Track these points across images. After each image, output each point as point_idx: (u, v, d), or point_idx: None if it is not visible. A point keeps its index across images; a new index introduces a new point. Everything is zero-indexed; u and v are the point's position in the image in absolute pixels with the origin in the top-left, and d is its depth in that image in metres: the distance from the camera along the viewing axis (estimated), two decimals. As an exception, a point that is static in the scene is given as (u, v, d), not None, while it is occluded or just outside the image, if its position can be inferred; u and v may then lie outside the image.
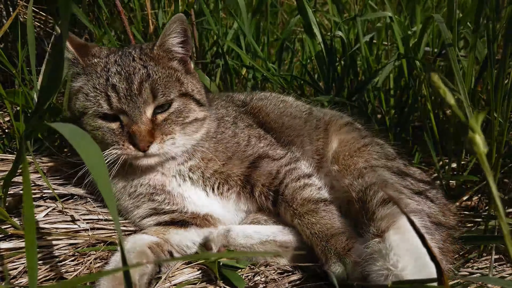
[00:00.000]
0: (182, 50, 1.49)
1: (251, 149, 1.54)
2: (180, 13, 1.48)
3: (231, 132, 1.58)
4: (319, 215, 1.35)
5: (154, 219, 1.46)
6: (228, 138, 1.56)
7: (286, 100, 1.92)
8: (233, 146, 1.54)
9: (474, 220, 1.69)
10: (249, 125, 1.65)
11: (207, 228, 1.46)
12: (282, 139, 1.67)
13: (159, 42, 1.45)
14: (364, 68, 2.30)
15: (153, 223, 1.45)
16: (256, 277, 1.32)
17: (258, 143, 1.58)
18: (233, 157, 1.52)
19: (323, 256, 1.28)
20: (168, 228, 1.42)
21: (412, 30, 2.42)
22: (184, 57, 1.51)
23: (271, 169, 1.50)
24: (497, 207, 0.68)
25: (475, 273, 1.37)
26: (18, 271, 1.21)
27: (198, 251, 1.42)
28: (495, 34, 1.59)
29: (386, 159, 1.55)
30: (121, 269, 0.85)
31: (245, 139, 1.57)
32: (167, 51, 1.47)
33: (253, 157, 1.53)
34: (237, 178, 1.50)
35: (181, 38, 1.47)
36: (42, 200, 1.46)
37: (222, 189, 1.51)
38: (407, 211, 1.15)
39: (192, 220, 1.46)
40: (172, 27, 1.44)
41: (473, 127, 0.65)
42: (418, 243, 1.06)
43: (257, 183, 1.49)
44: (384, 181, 1.39)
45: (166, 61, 1.46)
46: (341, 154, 1.60)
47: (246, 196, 1.51)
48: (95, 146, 0.91)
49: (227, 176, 1.50)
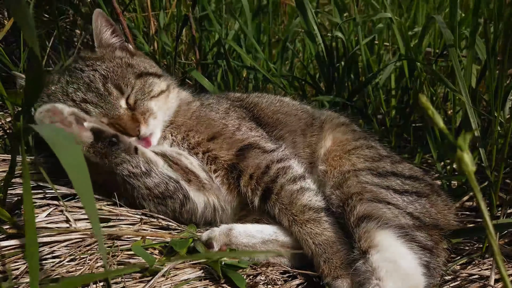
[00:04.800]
0: (116, 38, 1.62)
1: (241, 135, 1.56)
2: (98, 9, 1.58)
3: (218, 115, 1.63)
4: (322, 225, 1.35)
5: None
6: (213, 115, 1.62)
7: (283, 99, 1.93)
8: (220, 125, 1.58)
9: (475, 221, 1.69)
10: (242, 117, 1.66)
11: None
12: (274, 133, 1.67)
13: (97, 42, 1.57)
14: (365, 69, 2.30)
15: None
16: (258, 277, 1.32)
17: (249, 131, 1.59)
18: (220, 137, 1.54)
19: (326, 268, 1.28)
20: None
21: (413, 31, 2.42)
22: (121, 43, 1.63)
23: (260, 161, 1.49)
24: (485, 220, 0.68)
25: (475, 274, 1.37)
26: (20, 271, 1.21)
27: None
28: (497, 34, 1.60)
29: (372, 161, 1.55)
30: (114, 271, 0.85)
31: (235, 126, 1.60)
32: (107, 45, 1.59)
33: (243, 144, 1.53)
34: (224, 163, 1.52)
35: (111, 28, 1.60)
36: (43, 200, 1.47)
37: (210, 167, 1.54)
38: (382, 223, 1.23)
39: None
40: (100, 23, 1.56)
41: (461, 145, 0.65)
42: (398, 258, 1.16)
43: (244, 172, 1.48)
44: (363, 189, 1.39)
45: (110, 54, 1.57)
46: (332, 154, 1.61)
47: (230, 185, 1.51)
48: (73, 147, 0.90)
49: (214, 157, 1.53)
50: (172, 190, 1.47)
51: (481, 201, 0.67)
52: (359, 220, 1.28)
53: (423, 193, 1.46)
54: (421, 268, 1.19)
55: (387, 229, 1.23)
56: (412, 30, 2.61)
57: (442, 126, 0.71)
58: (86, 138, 1.35)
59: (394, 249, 1.19)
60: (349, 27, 2.54)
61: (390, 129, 2.26)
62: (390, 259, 1.16)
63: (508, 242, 1.52)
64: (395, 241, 1.21)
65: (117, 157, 1.38)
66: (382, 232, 1.22)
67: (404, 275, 1.14)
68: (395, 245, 1.20)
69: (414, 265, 1.19)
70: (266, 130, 1.66)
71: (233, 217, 1.56)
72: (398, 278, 1.13)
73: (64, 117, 1.32)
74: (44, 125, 0.95)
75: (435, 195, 1.49)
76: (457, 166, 0.66)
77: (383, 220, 1.25)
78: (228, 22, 2.89)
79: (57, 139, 0.90)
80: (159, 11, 2.54)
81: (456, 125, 1.93)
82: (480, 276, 1.36)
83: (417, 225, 1.32)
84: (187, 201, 1.49)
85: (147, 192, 1.45)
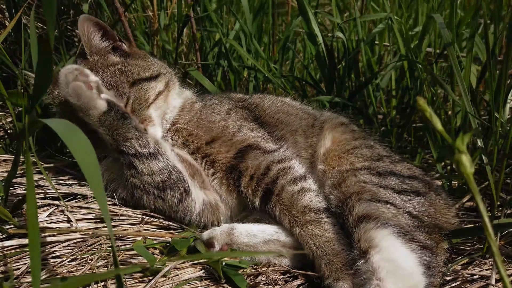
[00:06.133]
0: (107, 42, 1.55)
1: (241, 136, 1.54)
2: (84, 14, 1.52)
3: (219, 117, 1.60)
4: (323, 227, 1.35)
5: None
6: (214, 117, 1.59)
7: (284, 100, 1.93)
8: (220, 128, 1.56)
9: (476, 221, 1.69)
10: (243, 118, 1.65)
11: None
12: (276, 133, 1.66)
13: (88, 49, 1.52)
14: (365, 69, 2.30)
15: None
16: (259, 278, 1.32)
17: (250, 132, 1.57)
18: (218, 140, 1.53)
19: (327, 270, 1.28)
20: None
21: (414, 31, 2.42)
22: (114, 44, 1.57)
23: (260, 162, 1.48)
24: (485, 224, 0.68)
25: (476, 274, 1.37)
26: (21, 271, 1.22)
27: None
28: (497, 36, 1.60)
29: (371, 160, 1.55)
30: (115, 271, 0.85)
31: (236, 127, 1.58)
32: (98, 50, 1.53)
33: (243, 145, 1.52)
34: (222, 165, 1.50)
35: (100, 32, 1.53)
36: (44, 200, 1.47)
37: (208, 172, 1.53)
38: (381, 223, 1.24)
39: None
40: (87, 29, 1.50)
41: (459, 147, 0.65)
42: (398, 258, 1.17)
43: (244, 173, 1.47)
44: (362, 189, 1.39)
45: (102, 61, 1.52)
46: (331, 153, 1.61)
47: (229, 186, 1.50)
48: (86, 142, 0.91)
49: (213, 161, 1.52)
50: (174, 179, 1.44)
51: (480, 202, 0.67)
52: (358, 220, 1.28)
53: (422, 193, 1.46)
54: (421, 267, 1.20)
55: (386, 229, 1.23)
56: (412, 30, 2.61)
57: (440, 128, 0.71)
58: (101, 105, 1.35)
59: (393, 249, 1.20)
60: (349, 27, 2.54)
61: (390, 129, 2.26)
62: (390, 259, 1.17)
63: (508, 242, 1.52)
64: (395, 241, 1.22)
65: (127, 131, 1.37)
66: (381, 232, 1.23)
67: (404, 275, 1.15)
68: (394, 245, 1.21)
69: (414, 264, 1.19)
70: (268, 130, 1.65)
71: (234, 217, 1.56)
72: (398, 278, 1.13)
73: (89, 80, 1.34)
74: (57, 121, 0.96)
75: (434, 194, 1.50)
76: (456, 168, 0.66)
77: (382, 220, 1.26)
78: (228, 22, 2.89)
79: (72, 135, 0.91)
80: (160, 11, 2.54)
81: (456, 126, 1.93)
82: (481, 276, 1.36)
83: (417, 225, 1.32)
84: (186, 196, 1.46)
85: (149, 180, 1.41)
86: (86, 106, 1.34)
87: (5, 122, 1.91)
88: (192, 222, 1.52)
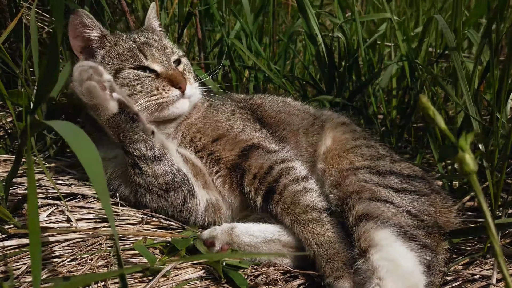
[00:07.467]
0: (160, 27, 1.83)
1: (245, 136, 1.57)
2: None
3: (224, 117, 1.64)
4: (325, 226, 1.35)
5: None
6: (220, 116, 1.64)
7: (285, 100, 1.94)
8: (225, 127, 1.59)
9: (476, 221, 1.68)
10: (246, 118, 1.67)
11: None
12: (278, 133, 1.68)
13: (146, 25, 1.78)
14: (365, 69, 2.30)
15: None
16: (259, 278, 1.32)
17: (253, 132, 1.59)
18: (223, 138, 1.55)
19: (328, 269, 1.28)
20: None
21: (415, 31, 2.42)
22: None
23: (263, 162, 1.49)
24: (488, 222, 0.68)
25: (477, 274, 1.37)
26: (21, 270, 1.21)
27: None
28: (499, 36, 1.59)
29: (371, 159, 1.55)
30: (118, 271, 0.85)
31: (240, 127, 1.61)
32: (154, 30, 1.78)
33: (247, 144, 1.53)
34: (227, 163, 1.52)
35: (158, 20, 1.83)
36: (44, 200, 1.47)
37: (212, 170, 1.54)
38: (381, 222, 1.24)
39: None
40: (149, 14, 1.81)
41: (463, 146, 0.65)
42: (398, 257, 1.16)
43: (247, 171, 1.48)
44: (361, 188, 1.39)
45: (158, 33, 1.76)
46: (331, 153, 1.61)
47: (232, 184, 1.51)
48: (89, 143, 0.92)
49: (218, 158, 1.53)
50: (178, 182, 1.45)
51: (482, 201, 0.67)
52: (358, 220, 1.29)
53: (422, 192, 1.46)
54: (421, 267, 1.20)
55: (386, 228, 1.23)
56: (413, 31, 2.61)
57: (444, 127, 0.71)
58: (112, 107, 1.37)
59: (393, 248, 1.20)
60: (350, 27, 2.53)
61: (391, 129, 2.26)
62: (390, 259, 1.16)
63: (509, 242, 1.52)
64: (395, 240, 1.22)
65: (134, 134, 1.39)
66: (381, 231, 1.23)
67: (404, 274, 1.14)
68: (394, 244, 1.21)
69: (414, 263, 1.19)
70: (270, 131, 1.67)
71: (234, 217, 1.56)
72: (398, 278, 1.13)
73: (103, 79, 1.36)
74: (60, 122, 0.96)
75: (434, 193, 1.50)
76: (459, 167, 0.65)
77: (382, 219, 1.26)
78: (229, 22, 2.89)
79: (75, 136, 0.91)
80: (160, 11, 2.54)
81: (458, 126, 1.93)
82: (482, 276, 1.35)
83: (416, 224, 1.32)
84: (190, 197, 1.48)
85: (153, 181, 1.43)
86: (97, 106, 1.36)
87: (5, 122, 1.90)
88: (197, 222, 1.53)
